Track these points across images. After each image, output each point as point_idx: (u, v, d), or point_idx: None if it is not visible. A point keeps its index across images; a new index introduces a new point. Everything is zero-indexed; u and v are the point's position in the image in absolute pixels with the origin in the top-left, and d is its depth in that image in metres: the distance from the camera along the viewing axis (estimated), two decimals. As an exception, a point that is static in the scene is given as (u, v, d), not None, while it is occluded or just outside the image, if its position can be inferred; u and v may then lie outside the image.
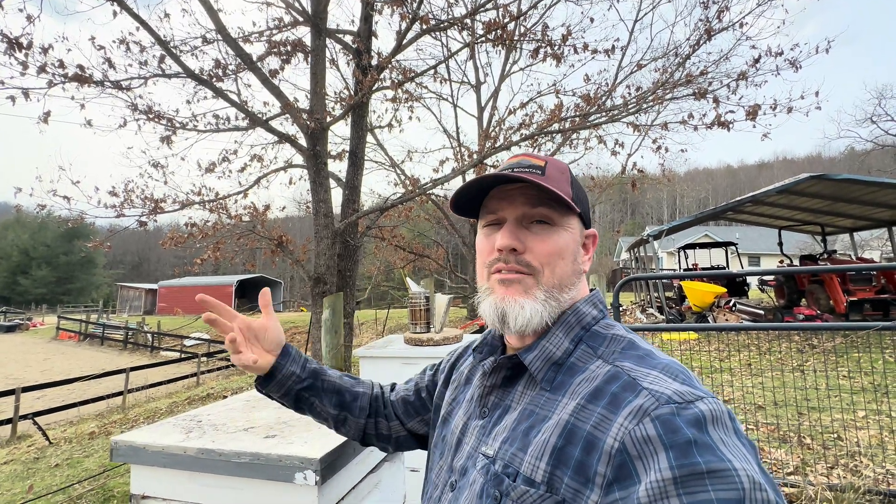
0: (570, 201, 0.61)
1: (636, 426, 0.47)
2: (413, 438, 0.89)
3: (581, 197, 0.67)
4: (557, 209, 0.63)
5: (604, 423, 0.50)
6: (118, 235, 6.34)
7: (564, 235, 0.63)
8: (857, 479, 2.61)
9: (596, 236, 0.70)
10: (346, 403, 0.84)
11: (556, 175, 0.63)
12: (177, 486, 1.00)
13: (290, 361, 0.81)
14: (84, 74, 4.47)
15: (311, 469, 0.87)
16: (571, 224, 0.64)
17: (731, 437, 0.45)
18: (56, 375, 12.92)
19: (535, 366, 0.60)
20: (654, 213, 63.05)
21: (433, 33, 6.56)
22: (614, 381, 0.53)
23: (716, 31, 5.70)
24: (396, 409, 0.88)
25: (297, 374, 0.81)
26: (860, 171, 21.82)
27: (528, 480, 0.53)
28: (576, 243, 0.65)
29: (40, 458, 4.99)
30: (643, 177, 7.54)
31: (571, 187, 0.65)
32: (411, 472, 1.51)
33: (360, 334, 13.15)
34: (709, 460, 0.42)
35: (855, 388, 4.28)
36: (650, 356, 0.56)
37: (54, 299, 43.50)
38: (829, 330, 5.97)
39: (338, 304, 2.66)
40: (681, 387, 0.49)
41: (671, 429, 0.45)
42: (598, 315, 0.64)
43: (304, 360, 0.84)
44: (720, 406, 0.48)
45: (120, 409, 8.41)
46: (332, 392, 0.83)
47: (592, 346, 0.60)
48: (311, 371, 0.83)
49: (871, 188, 8.46)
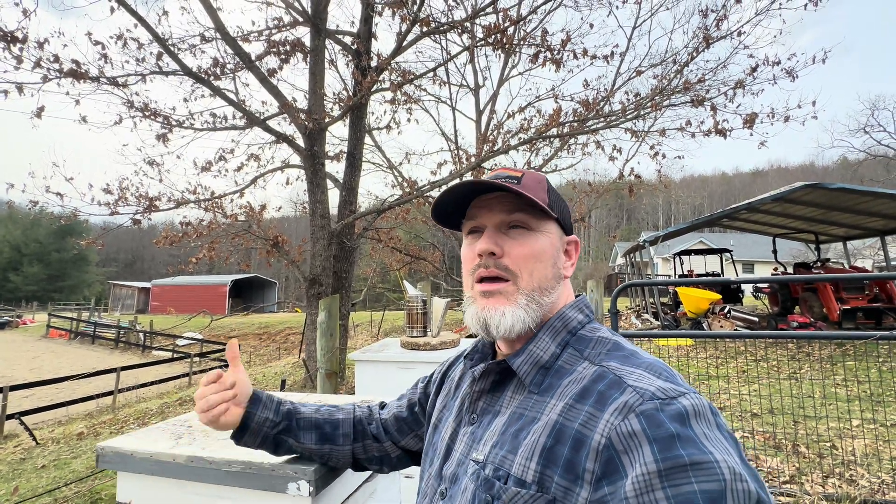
0: (545, 206, 0.64)
1: (622, 422, 0.48)
2: (408, 456, 0.88)
3: (559, 204, 0.69)
4: (534, 214, 0.65)
5: (591, 420, 0.51)
6: (111, 233, 6.27)
7: (542, 239, 0.65)
8: (853, 489, 2.61)
9: (577, 242, 0.71)
10: (327, 435, 0.84)
11: (532, 184, 0.66)
12: (165, 495, 0.97)
13: (262, 408, 0.81)
14: (79, 70, 4.42)
15: (305, 479, 0.85)
16: (549, 229, 0.66)
17: (713, 431, 0.47)
18: (45, 374, 12.75)
19: (522, 370, 0.61)
20: (649, 219, 63.38)
21: (433, 36, 6.56)
22: (601, 380, 0.54)
23: (714, 40, 5.75)
24: (389, 428, 0.87)
25: (271, 419, 0.81)
26: (853, 180, 22.05)
27: (519, 481, 0.53)
28: (554, 248, 0.66)
29: (26, 459, 4.90)
30: (640, 183, 7.57)
31: (548, 195, 0.67)
32: (407, 479, 1.48)
33: (355, 336, 13.08)
34: (691, 453, 0.44)
35: (849, 396, 4.29)
36: (635, 356, 0.57)
37: (45, 297, 43.01)
38: (828, 339, 6.00)
39: (334, 306, 2.63)
40: (664, 384, 0.51)
41: (655, 423, 0.46)
42: (583, 319, 0.65)
43: (277, 404, 0.84)
44: (702, 401, 0.49)
45: (110, 410, 8.30)
46: (310, 428, 0.84)
47: (579, 348, 0.61)
48: (286, 413, 0.83)
49: (864, 198, 8.54)
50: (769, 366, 5.66)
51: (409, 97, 7.86)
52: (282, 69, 5.92)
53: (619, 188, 8.28)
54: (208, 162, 6.52)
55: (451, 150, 10.09)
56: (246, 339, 19.61)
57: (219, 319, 13.24)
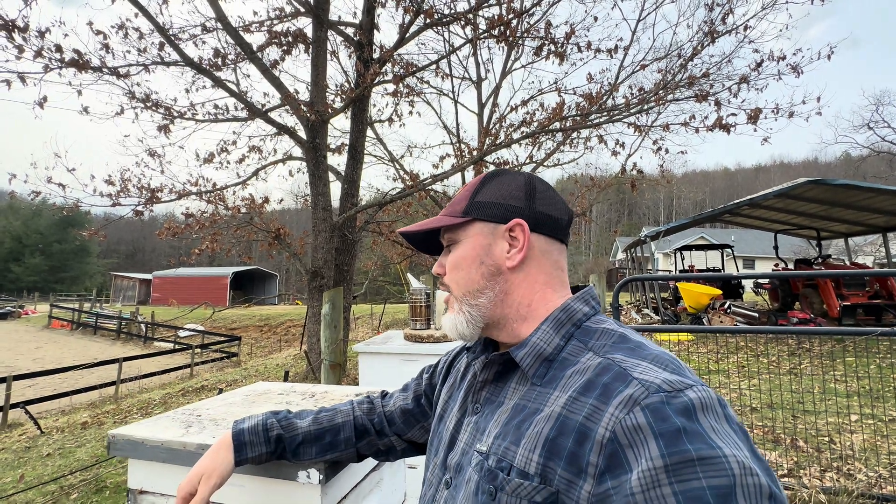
0: (452, 218, 0.68)
1: (626, 415, 0.47)
2: (414, 448, 0.89)
3: (486, 199, 0.67)
4: (455, 230, 0.70)
5: (595, 413, 0.50)
6: (113, 224, 6.28)
7: (462, 247, 0.69)
8: (851, 483, 2.63)
9: (520, 223, 0.65)
10: (328, 445, 0.85)
11: (457, 200, 0.71)
12: (176, 482, 0.98)
13: (249, 449, 0.81)
14: (81, 60, 4.40)
15: (315, 467, 0.86)
16: (470, 233, 0.68)
17: (721, 424, 0.46)
18: (48, 364, 12.84)
19: (525, 362, 0.61)
20: (651, 214, 63.25)
21: (436, 28, 6.51)
22: (606, 372, 0.53)
23: (720, 34, 5.69)
24: (394, 420, 0.87)
25: (265, 451, 0.81)
26: (856, 176, 21.96)
27: (522, 473, 0.53)
28: (478, 248, 0.67)
29: (31, 448, 4.95)
30: (642, 178, 7.55)
31: (473, 195, 0.69)
32: (410, 470, 1.50)
33: (356, 328, 13.13)
34: (699, 447, 0.42)
35: (848, 391, 4.32)
36: (641, 347, 0.56)
37: (47, 288, 43.12)
38: (828, 335, 6.01)
39: (338, 298, 2.64)
40: (670, 376, 0.50)
41: (661, 417, 0.45)
42: (589, 311, 0.64)
43: (265, 432, 0.82)
44: (710, 393, 0.48)
45: (113, 400, 8.36)
46: (309, 443, 0.84)
47: (583, 340, 0.61)
48: (276, 439, 0.82)
49: (867, 194, 8.51)
50: (769, 361, 5.68)
51: (412, 90, 7.81)
52: (283, 60, 5.88)
53: (621, 183, 8.26)
54: (210, 153, 6.51)
55: (452, 143, 10.05)
56: (247, 330, 19.70)
57: (220, 311, 13.29)
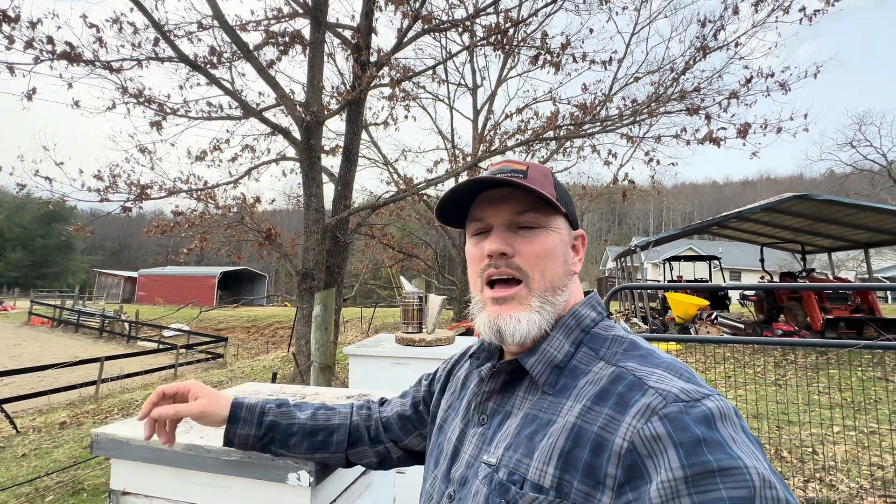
0: (555, 202, 0.61)
1: (645, 425, 0.46)
2: (411, 456, 0.86)
3: (566, 198, 0.66)
4: (543, 211, 0.62)
5: (612, 423, 0.49)
6: (100, 220, 6.17)
7: (552, 237, 0.62)
8: (833, 494, 2.67)
9: (584, 237, 0.69)
10: (318, 444, 0.83)
11: (538, 178, 0.63)
12: (161, 483, 0.96)
13: (242, 424, 0.81)
14: (73, 52, 4.34)
15: (306, 469, 0.84)
16: (559, 225, 0.64)
17: (739, 435, 0.45)
18: (26, 361, 12.49)
19: (536, 370, 0.59)
20: (640, 225, 63.99)
21: (433, 33, 6.55)
22: (619, 381, 0.52)
23: (711, 50, 5.81)
24: (391, 426, 0.85)
25: (253, 434, 0.81)
26: (839, 193, 22.45)
27: (536, 487, 0.51)
28: (564, 244, 0.64)
29: (6, 448, 4.81)
30: (633, 188, 7.65)
31: (555, 189, 0.64)
32: (399, 475, 1.49)
33: (345, 331, 13.02)
34: (719, 458, 0.42)
35: (831, 403, 4.39)
36: (653, 355, 0.56)
37: (28, 283, 42.09)
38: (812, 346, 6.11)
39: (330, 300, 2.62)
40: (686, 385, 0.49)
41: (680, 427, 0.45)
42: (596, 317, 0.63)
43: (260, 415, 0.82)
44: (726, 403, 0.48)
45: (93, 399, 8.16)
46: (301, 436, 0.82)
47: (594, 347, 0.59)
48: (269, 425, 0.82)
49: (850, 210, 8.73)
50: (755, 372, 5.76)
51: (408, 94, 7.84)
52: (280, 60, 5.87)
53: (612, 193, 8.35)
54: (202, 151, 6.45)
55: (447, 148, 10.09)
56: (234, 331, 19.41)
57: (207, 311, 13.09)
